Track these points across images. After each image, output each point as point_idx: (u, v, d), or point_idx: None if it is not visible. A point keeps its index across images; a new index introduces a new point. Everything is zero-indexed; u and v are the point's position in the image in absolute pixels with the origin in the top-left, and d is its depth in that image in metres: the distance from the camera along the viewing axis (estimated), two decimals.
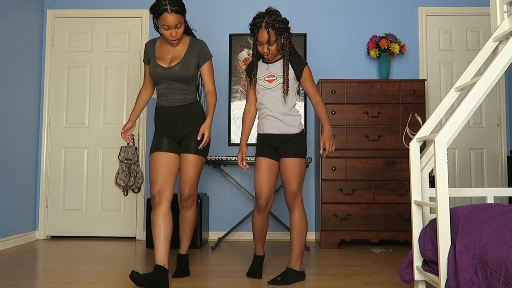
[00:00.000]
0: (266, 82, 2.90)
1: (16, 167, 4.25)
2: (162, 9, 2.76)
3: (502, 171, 4.62)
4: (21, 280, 2.89)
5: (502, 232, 1.84)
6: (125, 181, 4.47)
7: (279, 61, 2.91)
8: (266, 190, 2.89)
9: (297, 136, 2.90)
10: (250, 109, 3.06)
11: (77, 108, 4.70)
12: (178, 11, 2.79)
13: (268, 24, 2.74)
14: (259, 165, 2.93)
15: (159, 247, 2.75)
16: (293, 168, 2.85)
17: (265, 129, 2.93)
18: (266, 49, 2.81)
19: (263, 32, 2.76)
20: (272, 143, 2.91)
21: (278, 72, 2.88)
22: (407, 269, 2.38)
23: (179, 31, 2.85)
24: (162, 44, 2.99)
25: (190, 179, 2.93)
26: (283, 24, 2.79)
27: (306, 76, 2.92)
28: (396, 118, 4.16)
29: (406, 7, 4.72)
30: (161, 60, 2.95)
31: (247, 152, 3.28)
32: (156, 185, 2.83)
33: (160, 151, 2.91)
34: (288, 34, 2.84)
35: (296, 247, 2.91)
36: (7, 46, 4.12)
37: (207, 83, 3.01)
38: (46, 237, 4.61)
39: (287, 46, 2.84)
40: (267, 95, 2.89)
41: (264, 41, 2.78)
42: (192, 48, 2.95)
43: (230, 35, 4.68)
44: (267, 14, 2.79)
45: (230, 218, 4.58)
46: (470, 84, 2.30)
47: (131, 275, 2.59)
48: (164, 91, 2.97)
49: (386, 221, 4.10)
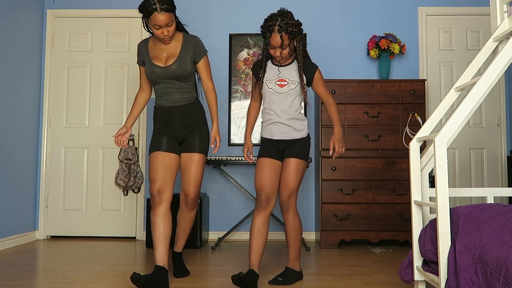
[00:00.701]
0: (277, 86, 2.81)
1: (16, 167, 4.25)
2: (152, 9, 2.69)
3: (502, 171, 4.62)
4: (21, 280, 2.89)
5: (502, 232, 1.84)
6: (125, 181, 4.47)
7: (290, 65, 2.83)
8: (268, 186, 2.78)
9: (304, 140, 2.87)
10: (255, 105, 3.03)
11: (77, 108, 4.70)
12: (168, 9, 2.72)
13: (281, 28, 2.64)
14: (261, 164, 2.85)
15: (159, 248, 2.73)
16: (295, 168, 2.81)
17: (273, 134, 2.86)
18: (279, 53, 2.72)
19: (275, 36, 2.66)
20: (278, 146, 2.87)
21: (289, 77, 2.80)
22: (407, 269, 2.38)
23: (170, 29, 2.79)
24: (155, 44, 2.92)
25: (196, 179, 2.89)
26: (297, 27, 2.69)
27: (318, 79, 2.86)
28: (396, 118, 4.16)
29: (406, 7, 4.72)
30: (157, 60, 2.88)
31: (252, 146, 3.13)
32: (156, 184, 2.81)
33: (160, 151, 2.88)
34: (301, 37, 2.75)
35: (294, 248, 2.88)
36: (7, 46, 4.12)
37: (205, 80, 2.97)
38: (46, 237, 4.61)
39: (300, 50, 2.75)
40: (277, 100, 2.81)
41: (277, 46, 2.69)
42: (186, 44, 2.89)
43: (230, 35, 4.68)
44: (279, 16, 2.67)
45: (230, 218, 4.58)
46: (470, 84, 2.30)
47: (133, 277, 2.55)
48: (163, 91, 2.92)
49: (386, 221, 4.10)
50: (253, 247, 2.74)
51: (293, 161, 2.82)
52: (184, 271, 3.05)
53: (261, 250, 2.75)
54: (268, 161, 2.84)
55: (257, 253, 2.74)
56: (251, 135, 3.01)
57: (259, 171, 2.84)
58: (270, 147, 2.87)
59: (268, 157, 2.85)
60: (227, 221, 4.57)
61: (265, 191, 2.77)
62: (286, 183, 2.81)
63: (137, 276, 2.55)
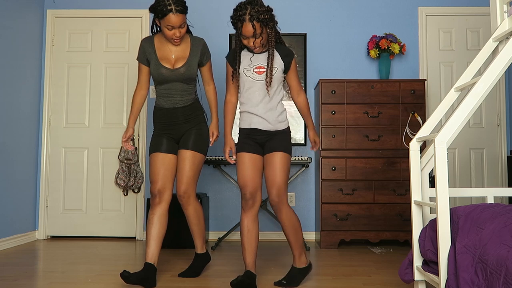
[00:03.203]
0: (255, 74, 2.69)
1: (16, 167, 4.25)
2: (167, 10, 2.71)
3: (502, 171, 4.62)
4: (21, 280, 2.89)
5: (502, 232, 1.84)
6: (125, 181, 4.47)
7: (266, 52, 2.71)
8: (251, 183, 2.68)
9: (284, 132, 2.76)
10: (232, 99, 2.84)
11: (77, 108, 4.70)
12: (183, 11, 2.77)
13: (252, 16, 2.54)
14: (241, 160, 2.73)
15: (151, 246, 2.82)
16: (281, 163, 2.67)
17: (251, 123, 2.73)
18: (252, 43, 2.62)
19: (247, 26, 2.56)
20: (257, 138, 2.74)
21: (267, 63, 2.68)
22: (407, 269, 2.38)
23: (182, 31, 2.83)
24: (162, 43, 2.93)
25: (185, 175, 2.90)
26: (268, 13, 2.59)
27: (293, 68, 2.75)
28: (396, 118, 4.16)
29: (406, 7, 4.72)
30: (165, 61, 2.90)
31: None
32: (157, 184, 2.87)
33: (160, 152, 2.93)
34: (273, 24, 2.65)
35: (296, 245, 2.79)
36: (7, 46, 4.12)
37: (208, 81, 3.07)
38: (46, 237, 4.61)
39: (272, 36, 2.64)
40: (256, 88, 2.69)
41: (249, 35, 2.59)
42: (195, 47, 2.95)
43: (230, 35, 4.68)
44: (249, 4, 2.58)
45: (230, 218, 4.58)
46: (470, 84, 2.30)
47: (122, 274, 2.65)
48: (166, 92, 2.94)
49: (386, 221, 4.10)
50: (246, 248, 2.71)
51: (278, 156, 2.69)
52: (195, 272, 3.03)
53: (255, 250, 2.73)
54: (248, 157, 2.73)
55: (251, 254, 2.71)
56: (231, 133, 2.85)
57: (240, 167, 2.73)
58: (249, 140, 2.75)
59: (247, 152, 2.73)
60: (227, 221, 4.57)
61: (249, 189, 2.68)
62: (274, 181, 2.67)
63: (127, 274, 2.65)
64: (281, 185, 2.67)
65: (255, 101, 2.71)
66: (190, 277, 2.98)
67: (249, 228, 2.70)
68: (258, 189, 2.72)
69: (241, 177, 2.71)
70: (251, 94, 2.72)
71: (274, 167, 2.68)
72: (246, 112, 2.75)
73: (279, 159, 2.69)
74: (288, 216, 2.73)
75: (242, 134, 2.79)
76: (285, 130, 2.78)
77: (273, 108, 2.72)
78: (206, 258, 3.12)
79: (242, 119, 2.79)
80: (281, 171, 2.68)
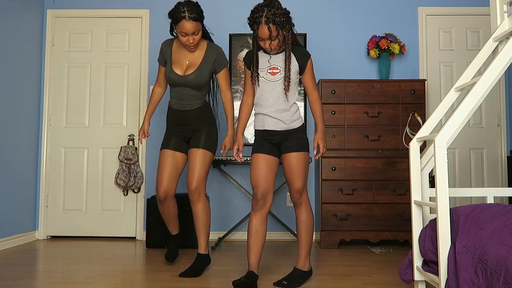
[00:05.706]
0: (268, 74, 2.73)
1: (16, 167, 4.25)
2: (180, 16, 2.79)
3: (502, 171, 4.62)
4: (21, 280, 2.89)
5: (502, 232, 1.84)
6: (125, 181, 4.47)
7: (282, 53, 2.74)
8: (263, 183, 2.69)
9: (299, 130, 2.78)
10: (248, 100, 2.87)
11: (77, 108, 4.70)
12: (196, 19, 2.83)
13: (268, 19, 2.57)
14: (255, 161, 2.75)
15: (169, 224, 3.28)
16: (298, 163, 2.72)
17: (265, 125, 2.76)
18: (268, 45, 2.65)
19: (263, 28, 2.59)
20: (272, 139, 2.77)
21: (281, 64, 2.72)
22: (407, 269, 2.38)
23: (196, 38, 2.90)
24: (179, 48, 3.03)
25: (197, 172, 3.02)
26: (284, 16, 2.61)
27: (309, 69, 2.77)
28: (396, 118, 4.16)
29: (406, 7, 4.72)
30: (177, 66, 3.01)
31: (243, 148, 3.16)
32: (163, 184, 3.05)
33: (167, 149, 3.10)
34: (290, 26, 2.68)
35: (305, 245, 2.80)
36: (7, 46, 4.12)
37: (224, 90, 3.11)
38: (46, 237, 4.61)
39: (289, 38, 2.67)
40: (269, 89, 2.72)
41: (265, 37, 2.62)
42: (209, 54, 3.01)
43: (230, 35, 4.67)
44: (266, 7, 2.60)
45: (230, 218, 4.58)
46: (470, 84, 2.30)
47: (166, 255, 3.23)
48: (177, 94, 3.09)
49: (386, 221, 4.10)
50: (252, 248, 2.71)
51: (294, 156, 2.73)
52: (195, 271, 3.02)
53: (260, 251, 2.73)
54: (262, 157, 2.75)
55: (256, 254, 2.72)
56: (243, 133, 2.89)
57: (253, 168, 2.75)
58: (264, 141, 2.78)
59: (262, 153, 2.76)
60: (227, 221, 4.57)
61: (260, 190, 2.70)
62: (294, 185, 2.73)
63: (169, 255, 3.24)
64: (300, 187, 2.74)
65: (268, 102, 2.74)
66: (191, 277, 2.97)
67: (257, 228, 2.71)
68: (270, 190, 2.74)
69: (254, 177, 2.74)
70: (264, 94, 2.75)
71: (292, 169, 2.74)
72: (260, 114, 2.79)
73: (295, 159, 2.74)
74: (306, 214, 2.81)
75: (257, 135, 2.84)
76: (300, 128, 2.80)
77: (287, 109, 2.75)
78: (207, 260, 3.13)
79: (257, 120, 2.83)
80: (299, 173, 2.73)
